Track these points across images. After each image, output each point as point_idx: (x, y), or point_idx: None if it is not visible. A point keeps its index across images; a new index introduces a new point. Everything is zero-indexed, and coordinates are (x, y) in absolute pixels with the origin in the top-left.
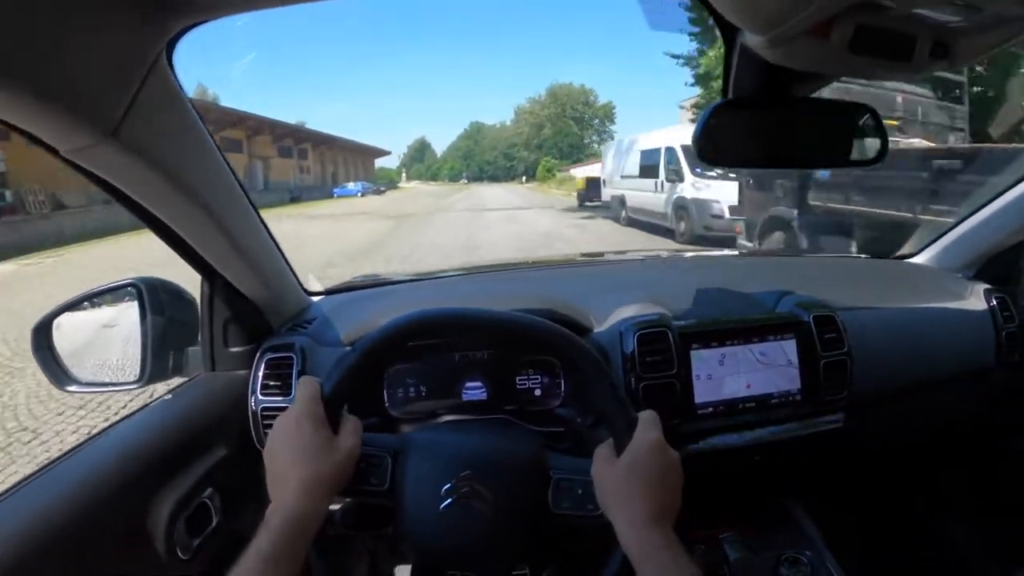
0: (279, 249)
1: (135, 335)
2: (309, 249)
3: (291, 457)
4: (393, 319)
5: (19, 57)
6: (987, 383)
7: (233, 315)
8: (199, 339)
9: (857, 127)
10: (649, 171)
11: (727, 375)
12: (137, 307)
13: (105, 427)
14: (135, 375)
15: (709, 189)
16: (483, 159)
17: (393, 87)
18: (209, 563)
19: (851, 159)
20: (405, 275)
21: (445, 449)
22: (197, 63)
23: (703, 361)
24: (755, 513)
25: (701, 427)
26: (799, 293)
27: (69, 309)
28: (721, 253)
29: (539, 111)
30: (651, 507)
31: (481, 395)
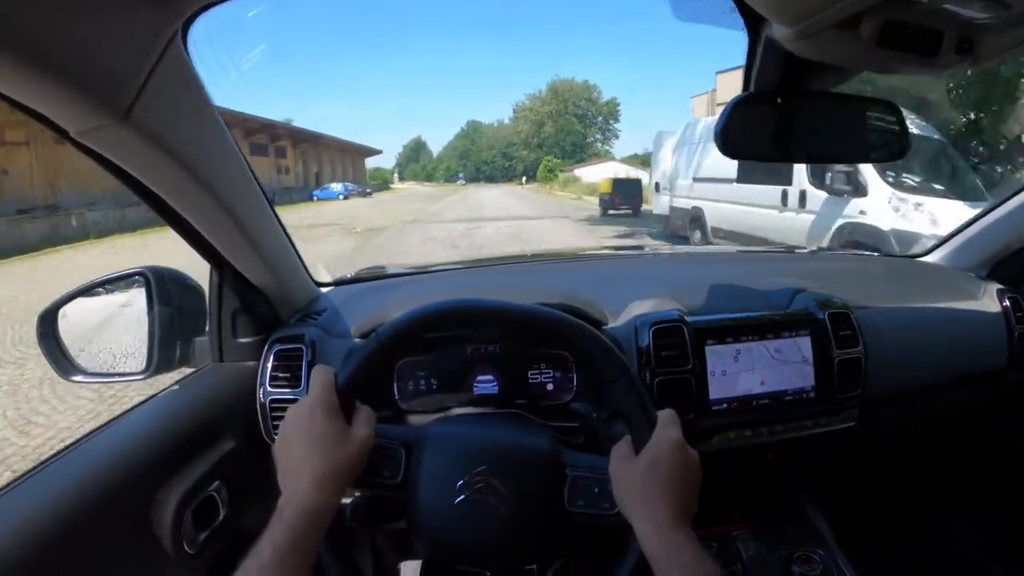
0: (289, 239)
1: (143, 324)
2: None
3: (305, 447)
4: (412, 308)
5: (28, 33)
6: (1000, 383)
7: (242, 305)
8: (207, 329)
9: (878, 122)
10: (764, 174)
11: (742, 371)
12: (145, 296)
13: (112, 417)
14: (141, 365)
15: (921, 212)
16: (480, 159)
17: (388, 87)
18: (215, 558)
19: (871, 155)
20: (415, 267)
21: (460, 443)
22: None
23: (718, 357)
24: (767, 510)
25: (715, 423)
26: (813, 290)
27: (75, 297)
28: (734, 249)
29: (540, 108)
30: (671, 507)
31: (492, 389)
